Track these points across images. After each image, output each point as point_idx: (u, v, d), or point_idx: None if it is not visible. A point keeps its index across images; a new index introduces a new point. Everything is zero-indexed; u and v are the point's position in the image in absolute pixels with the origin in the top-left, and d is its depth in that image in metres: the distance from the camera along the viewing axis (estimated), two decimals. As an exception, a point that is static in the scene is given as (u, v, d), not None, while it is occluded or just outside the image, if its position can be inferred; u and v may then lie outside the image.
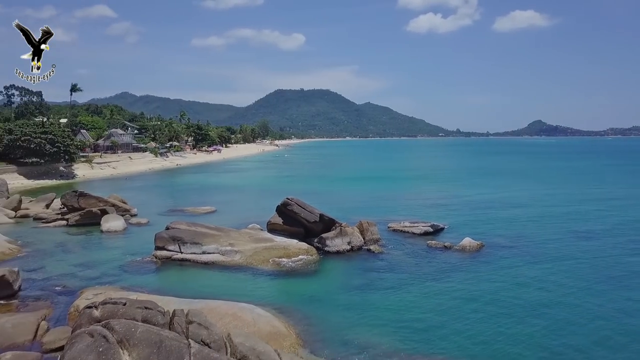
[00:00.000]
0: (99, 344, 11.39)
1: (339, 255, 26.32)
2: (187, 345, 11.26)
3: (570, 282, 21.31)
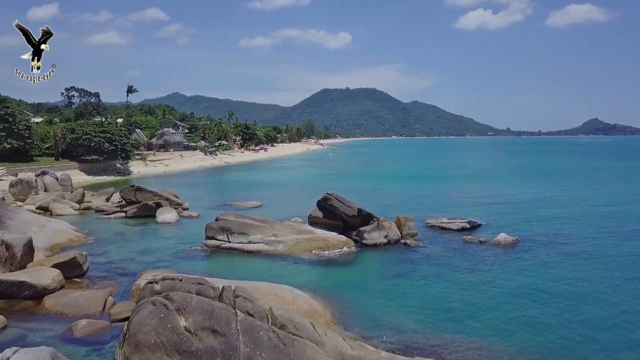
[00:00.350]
0: (160, 311, 13.37)
1: (375, 247, 27.69)
2: (234, 314, 13.04)
3: (602, 280, 21.58)
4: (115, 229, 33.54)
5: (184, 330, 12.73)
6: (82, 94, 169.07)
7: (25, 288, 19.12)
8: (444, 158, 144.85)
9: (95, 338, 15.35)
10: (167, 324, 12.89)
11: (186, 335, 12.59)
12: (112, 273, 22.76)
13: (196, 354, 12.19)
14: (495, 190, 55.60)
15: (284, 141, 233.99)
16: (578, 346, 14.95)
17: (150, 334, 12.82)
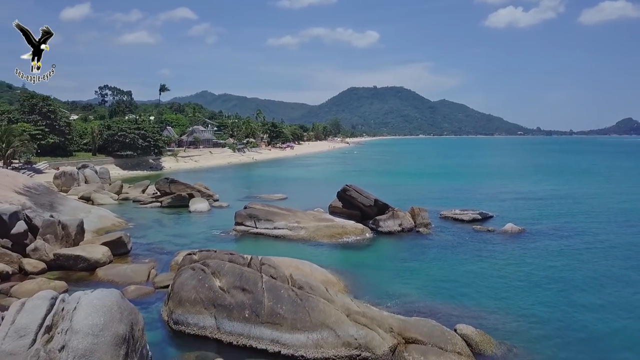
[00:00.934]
0: (198, 274, 16.06)
1: (390, 235, 29.98)
2: (260, 277, 15.61)
3: (600, 267, 23.27)
4: (152, 217, 36.65)
5: (218, 288, 15.38)
6: (115, 92, 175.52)
7: (80, 261, 22.13)
8: (467, 156, 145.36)
9: (143, 299, 18.10)
10: (205, 284, 15.57)
11: (220, 292, 15.24)
12: (152, 252, 25.66)
13: (229, 307, 14.81)
14: (511, 187, 57.10)
15: (310, 139, 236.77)
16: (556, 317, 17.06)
17: (191, 291, 15.52)
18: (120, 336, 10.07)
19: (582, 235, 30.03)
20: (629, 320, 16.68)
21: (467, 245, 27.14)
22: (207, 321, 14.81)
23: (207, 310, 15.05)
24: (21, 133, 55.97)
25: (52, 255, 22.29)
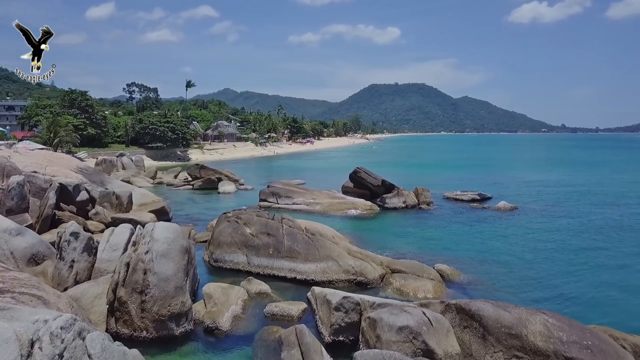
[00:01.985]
0: (233, 224, 20.50)
1: (395, 210, 34.10)
2: (281, 226, 19.97)
3: (573, 236, 26.96)
4: (185, 196, 41.42)
5: (249, 234, 19.81)
6: (142, 89, 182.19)
7: (133, 223, 26.77)
8: (483, 151, 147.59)
9: (187, 249, 22.57)
10: (238, 231, 20.01)
11: (250, 237, 19.66)
12: (189, 219, 30.29)
13: (257, 247, 19.23)
14: (517, 175, 60.59)
15: (330, 135, 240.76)
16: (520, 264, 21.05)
17: (227, 237, 19.98)
18: (184, 247, 14.53)
19: (568, 213, 33.62)
20: (580, 267, 20.57)
21: (460, 218, 31.13)
22: (240, 258, 19.24)
23: (240, 250, 19.49)
24: (66, 124, 61.61)
25: (109, 219, 27.02)
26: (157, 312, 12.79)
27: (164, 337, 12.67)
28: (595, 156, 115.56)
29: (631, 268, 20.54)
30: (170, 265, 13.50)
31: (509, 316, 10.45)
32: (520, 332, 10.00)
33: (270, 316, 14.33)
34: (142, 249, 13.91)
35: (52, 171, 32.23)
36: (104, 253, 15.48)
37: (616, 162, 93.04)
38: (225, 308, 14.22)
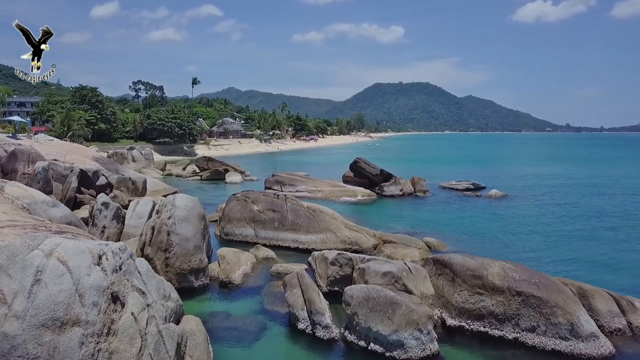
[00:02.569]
0: (242, 202, 22.71)
1: (392, 197, 36.25)
2: (285, 203, 22.16)
3: (554, 218, 29.19)
4: (194, 185, 43.70)
5: (256, 210, 22.01)
6: (148, 87, 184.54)
7: (149, 206, 29.05)
8: (484, 149, 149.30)
9: (200, 226, 24.77)
10: (247, 208, 22.22)
11: (258, 213, 21.86)
12: (200, 204, 32.44)
13: (263, 221, 21.43)
14: (513, 169, 62.71)
15: (333, 133, 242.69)
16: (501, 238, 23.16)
17: (237, 213, 22.19)
18: (201, 214, 16.75)
19: (555, 201, 35.67)
20: (556, 242, 22.68)
21: (453, 204, 33.26)
22: (248, 231, 21.45)
23: (248, 224, 21.70)
24: (79, 118, 64.02)
25: (127, 201, 29.24)
26: (179, 267, 14.99)
27: (185, 289, 14.84)
28: (593, 153, 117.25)
29: (601, 242, 22.65)
30: (189, 228, 15.71)
31: (473, 262, 12.61)
32: (481, 274, 12.15)
33: (275, 274, 16.50)
34: (165, 215, 16.13)
35: (71, 159, 34.51)
36: (131, 220, 17.74)
37: (612, 158, 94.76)
38: (237, 267, 16.42)
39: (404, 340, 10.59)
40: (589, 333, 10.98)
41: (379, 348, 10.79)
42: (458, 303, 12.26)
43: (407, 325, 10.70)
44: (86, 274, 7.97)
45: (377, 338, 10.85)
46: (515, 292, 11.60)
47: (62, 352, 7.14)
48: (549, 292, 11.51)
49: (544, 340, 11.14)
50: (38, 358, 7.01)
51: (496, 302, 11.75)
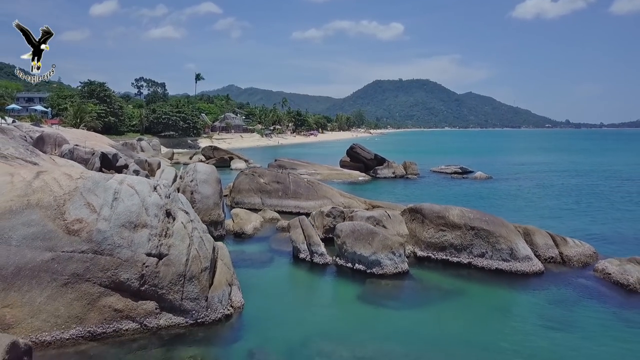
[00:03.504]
0: (249, 176, 25.94)
1: (385, 179, 39.49)
2: (288, 176, 25.38)
3: (528, 192, 32.53)
4: (202, 171, 46.87)
5: (262, 182, 25.22)
6: (150, 84, 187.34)
7: (164, 184, 32.30)
8: (480, 142, 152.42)
9: (212, 199, 28.01)
10: (254, 180, 25.43)
11: (264, 184, 25.08)
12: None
13: (269, 191, 24.65)
14: (502, 158, 65.97)
15: (333, 129, 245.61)
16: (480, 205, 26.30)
17: (245, 185, 25.41)
18: (218, 178, 19.98)
19: (535, 181, 39.02)
20: (531, 209, 25.87)
21: (440, 184, 36.52)
22: (256, 200, 24.67)
23: (255, 194, 24.92)
24: (90, 111, 67.20)
25: (144, 180, 32.50)
26: (201, 219, 18.16)
27: (206, 237, 18.03)
28: (584, 145, 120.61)
29: (565, 211, 25.87)
30: (209, 188, 18.93)
31: (438, 207, 15.84)
32: (444, 215, 15.36)
33: (280, 229, 19.71)
34: (188, 178, 19.35)
35: (91, 145, 37.70)
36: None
37: (600, 149, 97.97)
38: (248, 222, 19.64)
39: (381, 260, 13.81)
40: (524, 256, 14.20)
41: (362, 267, 14.01)
42: (426, 239, 15.49)
43: (383, 249, 13.92)
44: (148, 195, 11.17)
45: (360, 260, 14.06)
46: (470, 227, 14.82)
47: (136, 244, 10.33)
48: (495, 226, 14.73)
49: (491, 262, 14.36)
50: (121, 246, 10.20)
51: (455, 235, 14.97)
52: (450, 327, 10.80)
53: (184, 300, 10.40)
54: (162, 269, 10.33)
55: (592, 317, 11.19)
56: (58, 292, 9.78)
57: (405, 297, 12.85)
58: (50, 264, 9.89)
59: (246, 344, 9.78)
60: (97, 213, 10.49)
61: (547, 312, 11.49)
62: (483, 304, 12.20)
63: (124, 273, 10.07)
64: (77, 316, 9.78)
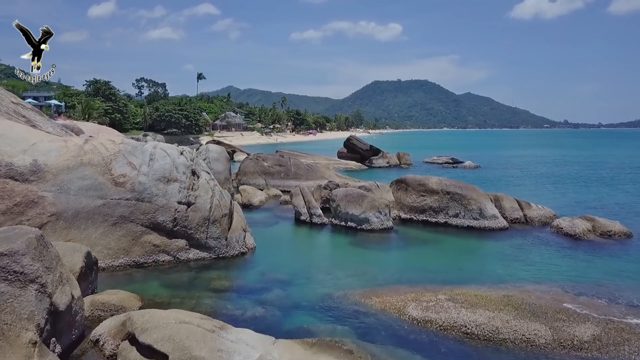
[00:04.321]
0: (254, 160, 28.49)
1: (380, 168, 42.02)
2: (289, 160, 27.91)
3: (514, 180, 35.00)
4: (207, 163, 49.42)
5: (266, 166, 27.75)
6: (151, 84, 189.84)
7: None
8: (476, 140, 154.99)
9: (219, 183, 30.56)
10: (258, 164, 27.96)
11: (267, 167, 27.61)
12: (215, 173, 38.22)
13: (272, 173, 27.18)
14: (493, 151, 68.32)
15: (332, 129, 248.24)
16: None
17: (250, 168, 27.93)
18: (227, 157, 22.55)
19: (517, 169, 41.55)
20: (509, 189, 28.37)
21: (431, 171, 38.92)
22: (260, 181, 27.18)
23: (260, 176, 27.44)
24: (98, 107, 69.71)
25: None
26: (214, 192, 20.70)
27: (218, 208, 20.53)
28: (576, 142, 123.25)
29: (542, 191, 28.43)
30: (220, 165, 21.46)
31: (420, 176, 18.40)
32: (424, 182, 17.89)
33: (283, 202, 22.21)
34: (201, 157, 21.83)
35: (104, 136, 40.27)
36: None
37: (591, 145, 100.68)
38: (255, 196, 22.15)
39: (369, 218, 16.32)
40: (492, 215, 16.73)
41: (353, 224, 16.51)
42: (409, 203, 18.02)
43: (371, 208, 16.43)
44: (177, 157, 13.69)
45: (352, 218, 16.57)
46: (446, 192, 17.34)
47: (169, 194, 12.82)
48: (468, 190, 17.26)
49: (464, 221, 16.88)
50: (157, 195, 12.69)
51: (433, 199, 17.49)
52: (425, 260, 13.31)
53: (208, 239, 12.92)
54: (190, 214, 12.85)
55: (543, 254, 13.71)
56: (109, 230, 12.29)
57: (390, 244, 15.34)
58: (102, 208, 12.40)
59: (258, 269, 12.30)
60: (137, 170, 13.01)
61: (507, 251, 14.01)
62: (455, 248, 14.71)
63: (160, 216, 12.59)
64: (124, 249, 12.30)
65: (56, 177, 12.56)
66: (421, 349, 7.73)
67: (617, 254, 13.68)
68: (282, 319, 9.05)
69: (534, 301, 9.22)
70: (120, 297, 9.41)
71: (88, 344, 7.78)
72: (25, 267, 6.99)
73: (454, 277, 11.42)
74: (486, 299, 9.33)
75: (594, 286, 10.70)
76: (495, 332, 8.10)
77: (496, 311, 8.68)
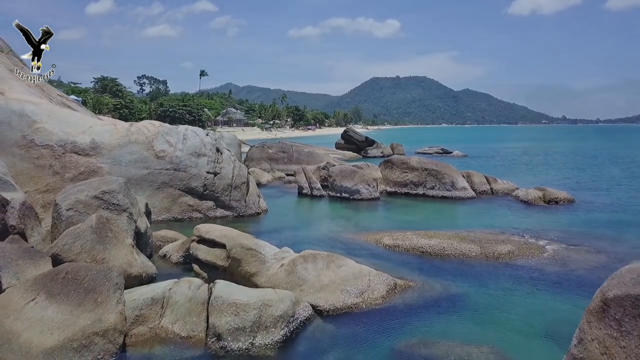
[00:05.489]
0: (259, 148, 31.90)
1: (374, 157, 45.34)
2: (292, 147, 31.29)
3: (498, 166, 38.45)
4: (213, 155, 52.85)
5: (271, 152, 31.14)
6: (152, 81, 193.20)
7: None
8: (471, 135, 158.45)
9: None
10: (264, 151, 31.35)
11: (272, 153, 31.01)
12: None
13: (276, 159, 30.59)
14: (483, 144, 71.66)
15: (331, 125, 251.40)
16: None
17: (257, 155, 31.33)
18: (239, 143, 26.01)
19: (502, 158, 44.92)
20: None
21: (421, 159, 42.42)
22: (265, 166, 30.57)
23: (265, 161, 30.84)
24: (107, 103, 73.05)
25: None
26: (227, 172, 24.09)
27: (231, 186, 23.92)
28: (569, 136, 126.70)
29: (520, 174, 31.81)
30: (233, 149, 24.77)
31: (404, 157, 21.83)
32: (406, 161, 21.32)
33: (286, 182, 25.62)
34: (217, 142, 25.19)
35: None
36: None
37: (581, 139, 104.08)
38: (262, 176, 25.58)
39: (360, 189, 19.72)
40: (462, 187, 20.15)
41: (346, 195, 19.93)
42: (393, 179, 21.44)
43: (361, 181, 19.84)
44: (204, 137, 17.09)
45: (345, 190, 19.97)
46: (424, 169, 20.76)
47: (199, 165, 16.20)
48: (442, 167, 20.69)
49: (439, 192, 20.30)
50: (190, 166, 16.08)
51: (414, 175, 20.91)
52: (403, 217, 16.73)
53: (231, 201, 16.33)
54: (217, 181, 16.25)
55: (497, 214, 17.16)
56: (153, 193, 15.68)
57: (377, 208, 18.77)
58: (148, 176, 15.79)
59: (271, 222, 15.76)
60: (173, 147, 16.40)
61: (469, 212, 17.47)
62: (428, 210, 18.16)
63: (193, 182, 15.99)
64: (166, 208, 15.71)
65: (110, 152, 15.93)
66: (390, 260, 11.13)
67: (555, 213, 17.15)
68: (292, 248, 12.45)
69: (476, 235, 12.64)
70: (173, 234, 12.86)
71: (158, 257, 11.22)
72: (120, 200, 10.40)
73: (422, 227, 14.81)
74: (441, 235, 12.76)
75: (527, 230, 14.12)
76: (442, 250, 11.53)
77: (445, 239, 12.11)
